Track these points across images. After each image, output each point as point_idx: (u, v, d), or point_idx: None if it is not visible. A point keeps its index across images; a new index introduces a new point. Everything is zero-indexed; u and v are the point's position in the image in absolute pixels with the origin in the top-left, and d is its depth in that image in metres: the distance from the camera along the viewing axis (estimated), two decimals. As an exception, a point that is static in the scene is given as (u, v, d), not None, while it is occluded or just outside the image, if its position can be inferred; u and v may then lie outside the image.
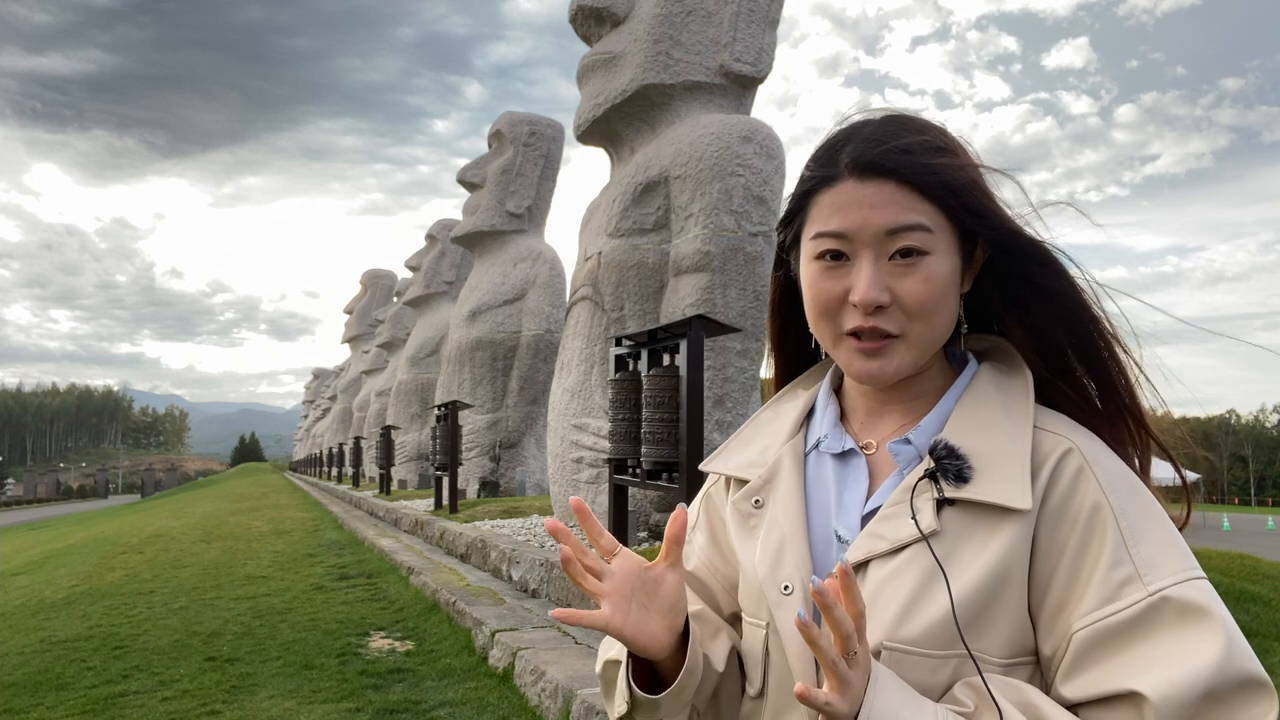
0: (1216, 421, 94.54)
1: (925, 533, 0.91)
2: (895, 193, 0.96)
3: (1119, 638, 0.85)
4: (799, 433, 1.11)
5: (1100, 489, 0.90)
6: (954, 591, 0.88)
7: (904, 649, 0.90)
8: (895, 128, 1.00)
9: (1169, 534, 0.90)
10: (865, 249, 0.96)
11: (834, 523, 1.02)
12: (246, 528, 15.40)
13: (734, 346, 6.75)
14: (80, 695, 4.93)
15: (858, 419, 1.08)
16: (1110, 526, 0.88)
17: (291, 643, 5.97)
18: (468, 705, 4.38)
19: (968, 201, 0.97)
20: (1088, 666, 0.86)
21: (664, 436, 5.41)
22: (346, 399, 33.59)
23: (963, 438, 0.96)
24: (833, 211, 0.98)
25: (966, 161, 1.00)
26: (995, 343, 1.08)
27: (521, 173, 14.50)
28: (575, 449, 7.77)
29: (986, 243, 1.02)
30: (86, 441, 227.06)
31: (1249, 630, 4.22)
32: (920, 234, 0.95)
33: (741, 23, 7.54)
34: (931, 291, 0.96)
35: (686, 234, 6.97)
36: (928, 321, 0.97)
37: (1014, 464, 0.92)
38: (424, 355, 19.81)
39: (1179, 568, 0.86)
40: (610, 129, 8.08)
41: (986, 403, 0.99)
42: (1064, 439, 0.95)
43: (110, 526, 22.24)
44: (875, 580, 0.93)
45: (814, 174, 1.02)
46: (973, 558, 0.90)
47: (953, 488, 0.93)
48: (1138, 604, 0.85)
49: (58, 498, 77.97)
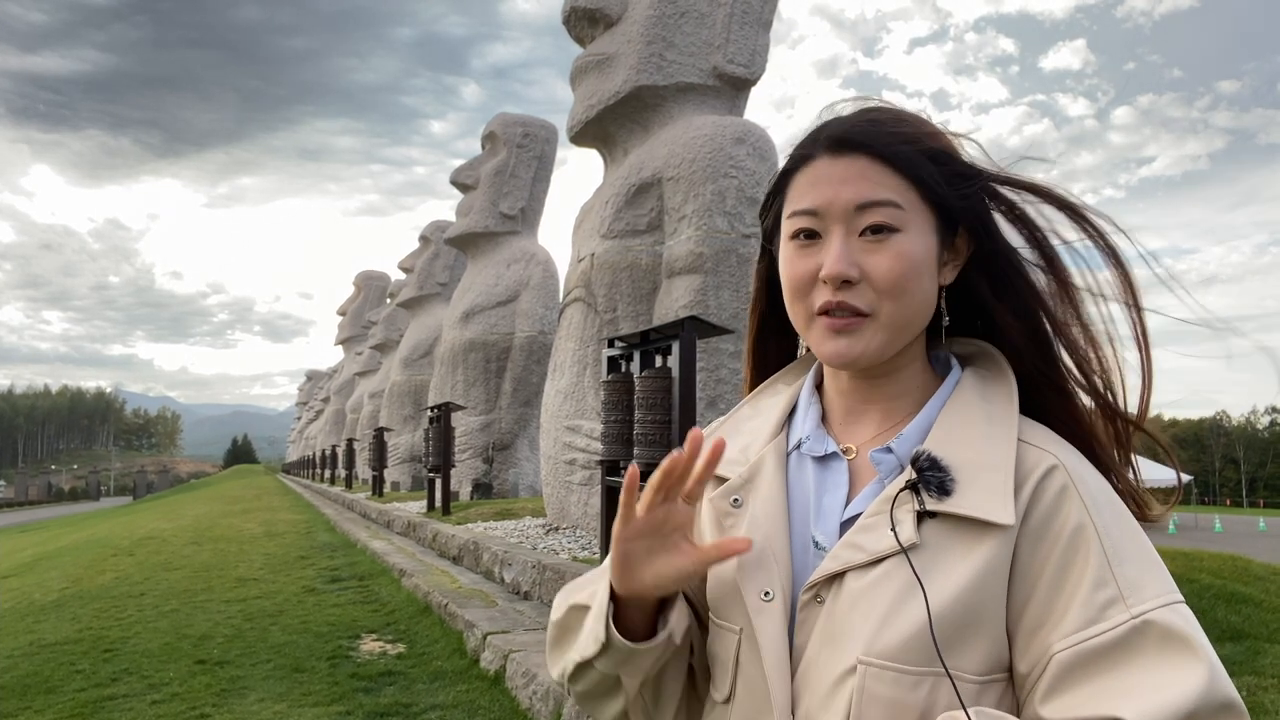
0: (1208, 423, 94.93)
1: (905, 545, 0.89)
2: (866, 167, 0.95)
3: (1101, 660, 0.84)
4: (781, 432, 1.09)
5: (1084, 508, 0.89)
6: (932, 605, 0.87)
7: (880, 664, 0.88)
8: (870, 109, 1.02)
9: (1150, 555, 0.89)
10: (835, 224, 0.96)
11: (812, 528, 0.99)
12: (238, 530, 15.34)
13: (727, 348, 6.75)
14: (69, 698, 4.89)
15: (837, 419, 1.06)
16: (1094, 546, 0.87)
17: (282, 645, 5.94)
18: (459, 708, 4.36)
19: (938, 170, 0.97)
20: (1069, 688, 0.85)
21: (656, 438, 5.40)
22: (339, 401, 33.53)
23: (945, 448, 0.94)
24: (807, 189, 0.98)
25: (937, 132, 1.01)
26: (980, 348, 1.06)
27: (515, 174, 14.49)
28: (568, 451, 7.76)
29: (964, 220, 1.00)
30: (78, 443, 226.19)
31: (1241, 631, 4.22)
32: (890, 210, 0.94)
33: (734, 24, 7.54)
34: (902, 269, 0.94)
35: (679, 235, 6.96)
36: (899, 301, 0.95)
37: (996, 477, 0.91)
38: (417, 357, 19.78)
39: (1161, 590, 0.86)
40: (603, 130, 8.08)
41: (970, 412, 0.97)
42: (1048, 454, 0.93)
43: (101, 529, 22.16)
44: (852, 592, 0.91)
45: (792, 155, 1.02)
46: (951, 572, 0.89)
47: (934, 500, 0.91)
48: (1121, 626, 0.84)
49: (49, 500, 77.63)
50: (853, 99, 1.07)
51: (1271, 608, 4.59)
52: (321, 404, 42.28)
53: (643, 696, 1.05)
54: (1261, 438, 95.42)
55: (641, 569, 0.95)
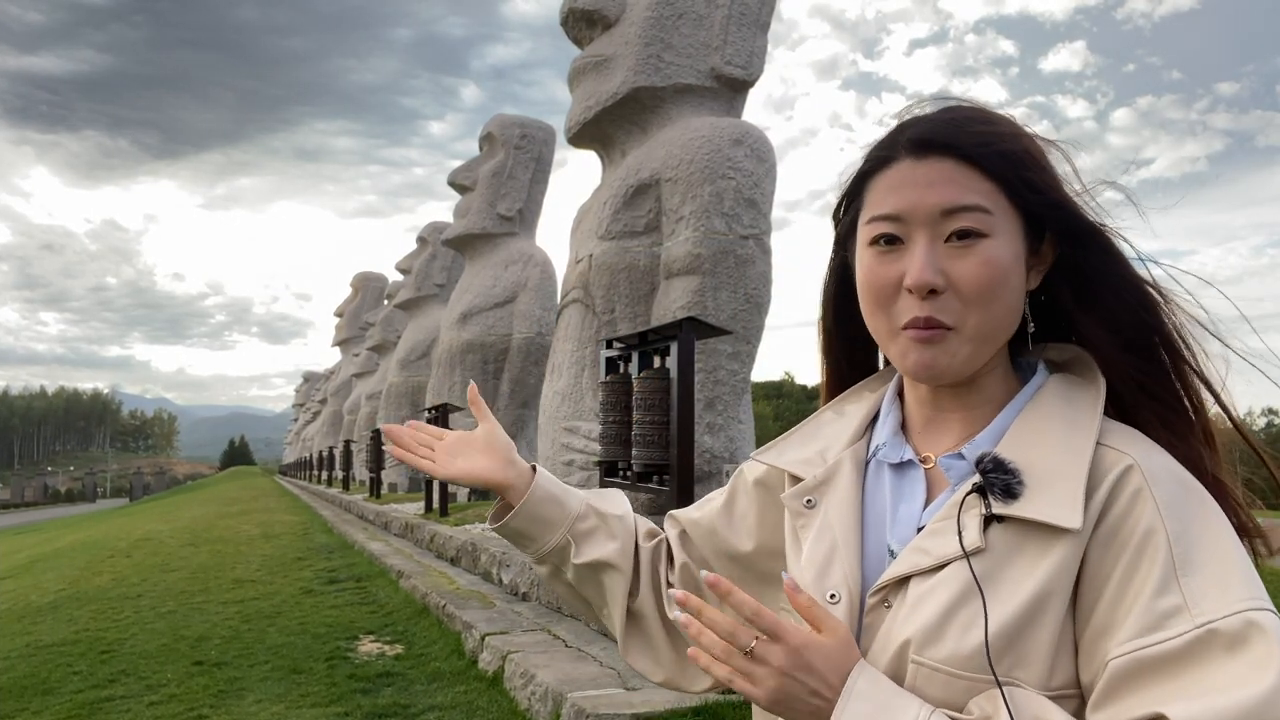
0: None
1: (968, 550, 0.87)
2: (952, 170, 0.91)
3: (1158, 669, 0.78)
4: (862, 438, 1.07)
5: (1157, 511, 0.84)
6: (991, 614, 0.84)
7: (932, 665, 0.86)
8: (955, 109, 0.98)
9: (1230, 563, 0.82)
10: (920, 230, 0.92)
11: (888, 537, 0.98)
12: (235, 531, 15.32)
13: (725, 349, 6.76)
14: (66, 700, 4.89)
15: (917, 428, 1.03)
16: (1161, 552, 0.82)
17: (280, 647, 5.94)
18: (457, 709, 4.36)
19: (1026, 176, 0.92)
20: (1120, 696, 0.80)
21: (654, 439, 5.41)
22: (337, 402, 33.48)
23: (1016, 452, 0.91)
24: (888, 192, 0.94)
25: (1024, 134, 0.96)
26: (1075, 354, 1.01)
27: (512, 175, 14.49)
28: (566, 452, 7.76)
29: (1051, 228, 0.96)
30: (74, 445, 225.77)
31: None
32: (978, 215, 0.91)
33: (732, 26, 7.55)
34: (990, 275, 0.90)
35: (677, 237, 6.97)
36: (986, 310, 0.91)
37: (1069, 481, 0.87)
38: (414, 358, 19.77)
39: (1238, 598, 0.79)
40: (601, 132, 8.09)
41: (1049, 416, 0.93)
42: (1125, 455, 0.88)
43: (98, 530, 22.11)
44: (915, 596, 0.90)
45: (871, 155, 0.98)
46: (1018, 578, 0.86)
47: (1000, 504, 0.88)
48: (1182, 636, 0.78)
49: (45, 501, 77.43)
50: (933, 98, 1.02)
51: (1268, 608, 4.60)
52: (319, 405, 42.22)
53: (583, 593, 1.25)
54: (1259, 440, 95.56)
55: (474, 458, 1.25)
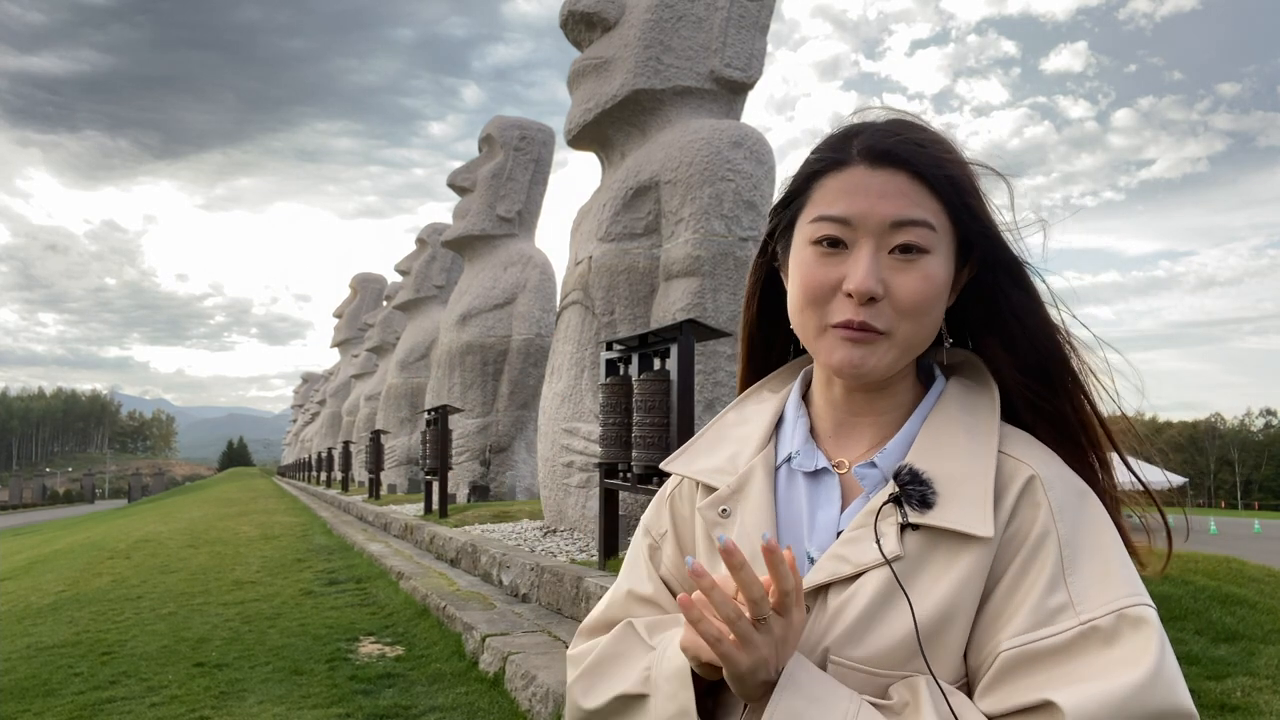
0: (1203, 426, 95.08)
1: (889, 557, 0.91)
2: (906, 185, 0.94)
3: (1045, 660, 0.85)
4: (769, 443, 1.08)
5: (1050, 516, 0.90)
6: (917, 614, 0.88)
7: (851, 665, 0.90)
8: (908, 125, 1.00)
9: (1113, 561, 0.89)
10: (867, 238, 0.94)
11: (806, 543, 1.00)
12: (235, 533, 15.32)
13: (724, 351, 6.77)
14: (67, 701, 4.89)
15: (827, 433, 1.06)
16: (1052, 554, 0.88)
17: (280, 648, 5.94)
18: (458, 710, 4.36)
19: (969, 202, 0.97)
20: (1009, 683, 0.86)
21: (654, 440, 5.42)
22: (336, 403, 33.48)
23: (927, 461, 0.95)
24: (839, 195, 0.96)
25: (965, 161, 1.00)
26: (965, 357, 1.07)
27: (512, 177, 14.50)
28: (566, 453, 7.77)
29: (979, 254, 1.01)
30: (73, 446, 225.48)
31: (1236, 633, 4.24)
32: (924, 231, 0.94)
33: (732, 28, 7.57)
34: (927, 290, 0.94)
35: (677, 238, 6.98)
36: (917, 322, 0.95)
37: (977, 490, 0.92)
38: (414, 359, 19.77)
39: (1117, 595, 0.86)
40: (601, 133, 8.10)
41: (952, 422, 0.98)
42: (1025, 465, 0.94)
43: (97, 531, 22.09)
44: (835, 603, 0.93)
45: (822, 157, 1.00)
46: (933, 583, 0.90)
47: (917, 514, 0.92)
48: (1068, 631, 0.84)
49: (43, 503, 77.41)
50: (884, 107, 1.06)
51: (1266, 609, 4.62)
52: (318, 406, 42.20)
53: None
54: (1256, 440, 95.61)
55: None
